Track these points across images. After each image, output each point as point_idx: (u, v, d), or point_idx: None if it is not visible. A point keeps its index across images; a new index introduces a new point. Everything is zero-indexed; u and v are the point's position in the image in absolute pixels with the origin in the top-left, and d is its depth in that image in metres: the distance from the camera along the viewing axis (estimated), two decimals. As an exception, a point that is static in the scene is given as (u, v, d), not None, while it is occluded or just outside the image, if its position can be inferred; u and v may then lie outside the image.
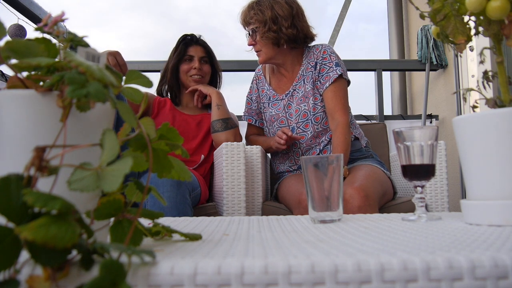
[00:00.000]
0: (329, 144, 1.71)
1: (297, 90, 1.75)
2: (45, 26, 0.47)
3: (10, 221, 0.34)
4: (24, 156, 0.38)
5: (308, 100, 1.71)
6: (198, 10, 6.12)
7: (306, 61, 1.76)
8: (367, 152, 1.77)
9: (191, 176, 0.54)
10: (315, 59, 1.73)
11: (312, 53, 1.75)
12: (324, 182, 0.74)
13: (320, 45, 1.76)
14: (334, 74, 1.67)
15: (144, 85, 0.53)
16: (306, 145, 1.72)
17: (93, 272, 0.37)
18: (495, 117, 0.63)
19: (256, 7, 1.69)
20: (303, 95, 1.72)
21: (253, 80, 1.94)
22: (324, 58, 1.71)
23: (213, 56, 1.99)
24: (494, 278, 0.38)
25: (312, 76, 1.72)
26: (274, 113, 1.79)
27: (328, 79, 1.68)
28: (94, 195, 0.45)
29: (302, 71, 1.75)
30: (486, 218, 0.63)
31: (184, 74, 1.92)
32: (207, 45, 1.98)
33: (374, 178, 1.52)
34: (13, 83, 0.44)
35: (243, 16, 1.75)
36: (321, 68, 1.70)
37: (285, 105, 1.77)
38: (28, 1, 2.07)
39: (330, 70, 1.68)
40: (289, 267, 0.38)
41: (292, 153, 1.76)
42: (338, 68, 1.68)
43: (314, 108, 1.70)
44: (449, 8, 0.69)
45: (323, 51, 1.72)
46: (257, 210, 1.71)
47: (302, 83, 1.74)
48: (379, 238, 0.54)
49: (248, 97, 1.95)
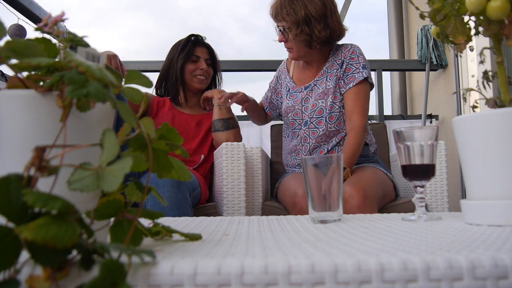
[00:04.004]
0: (337, 146, 1.69)
1: (317, 86, 1.73)
2: (45, 26, 0.47)
3: (10, 221, 0.34)
4: (24, 156, 0.38)
5: (327, 97, 1.69)
6: (199, 10, 6.13)
7: (332, 58, 1.73)
8: (372, 158, 1.76)
9: (191, 176, 0.54)
10: (343, 58, 1.70)
11: (341, 51, 1.72)
12: (324, 182, 0.74)
13: (349, 45, 1.73)
14: (360, 76, 1.65)
15: (144, 85, 0.53)
16: (316, 142, 1.70)
17: (93, 272, 0.37)
18: (495, 117, 0.63)
19: (289, 6, 1.62)
20: (323, 91, 1.70)
21: (278, 70, 1.95)
22: (352, 58, 1.68)
23: (215, 58, 2.00)
24: (494, 278, 0.38)
25: (337, 74, 1.69)
26: (291, 104, 1.76)
27: (353, 79, 1.65)
28: (94, 195, 0.45)
29: (327, 68, 1.73)
30: (486, 218, 0.63)
31: (189, 73, 1.92)
32: (211, 48, 2.00)
33: (374, 179, 1.52)
34: (13, 83, 0.44)
35: (274, 11, 1.68)
36: (347, 68, 1.68)
37: (303, 98, 1.75)
38: (28, 1, 2.07)
39: (356, 71, 1.66)
40: (289, 267, 0.38)
41: (300, 147, 1.74)
42: (365, 71, 1.66)
43: (331, 107, 1.68)
44: (449, 8, 0.69)
45: (352, 51, 1.69)
46: (257, 210, 1.71)
47: (324, 79, 1.72)
48: (379, 238, 0.54)
49: (270, 83, 1.99)
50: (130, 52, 7.39)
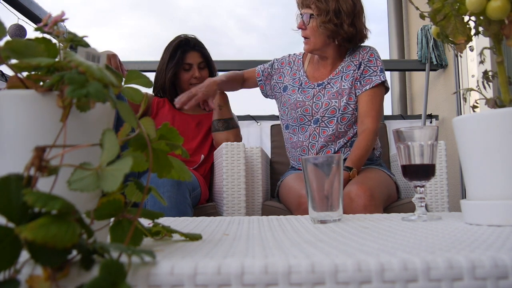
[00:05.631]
0: (344, 147, 1.68)
1: (331, 84, 1.70)
2: (45, 26, 0.47)
3: (10, 221, 0.34)
4: (24, 156, 0.38)
5: (341, 97, 1.66)
6: (199, 9, 6.13)
7: (349, 59, 1.71)
8: (377, 161, 1.76)
9: (191, 176, 0.54)
10: (360, 59, 1.68)
11: (358, 52, 1.70)
12: (324, 182, 0.74)
13: (367, 47, 1.72)
14: (377, 79, 1.64)
15: (144, 85, 0.53)
16: (324, 141, 1.68)
17: (93, 272, 0.37)
18: (495, 117, 0.63)
19: None
20: (337, 91, 1.68)
21: (290, 57, 1.86)
22: (370, 61, 1.67)
23: (209, 59, 1.94)
24: (494, 278, 0.38)
25: (353, 75, 1.67)
26: (301, 99, 1.72)
27: (370, 82, 1.64)
28: (94, 195, 0.45)
29: (342, 67, 1.71)
30: (486, 218, 0.63)
31: (185, 83, 1.89)
32: (203, 49, 1.93)
33: (380, 180, 1.52)
34: (13, 83, 0.44)
35: None
36: (365, 70, 1.66)
37: (314, 95, 1.71)
38: (28, 1, 2.06)
39: (374, 74, 1.65)
40: (289, 267, 0.38)
41: (307, 144, 1.72)
42: (382, 74, 1.65)
43: (345, 108, 1.65)
44: (449, 8, 0.69)
45: (371, 53, 1.69)
46: (257, 210, 1.71)
47: (339, 79, 1.70)
48: (379, 238, 0.54)
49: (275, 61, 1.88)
50: (131, 52, 7.38)
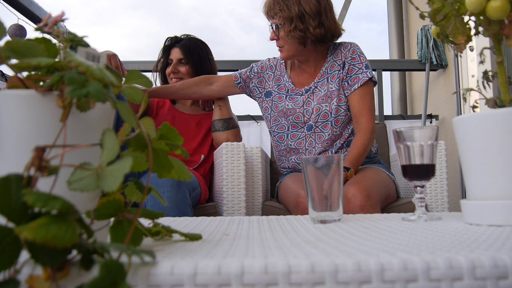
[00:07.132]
0: (341, 148, 1.67)
1: (318, 88, 1.68)
2: (45, 26, 0.47)
3: (10, 221, 0.34)
4: (24, 156, 0.38)
5: (331, 100, 1.64)
6: (200, 9, 6.13)
7: (331, 58, 1.68)
8: (374, 158, 1.75)
9: (191, 176, 0.54)
10: (343, 58, 1.65)
11: (340, 51, 1.67)
12: (324, 182, 0.74)
13: (348, 44, 1.69)
14: (364, 77, 1.61)
15: (144, 85, 0.53)
16: (322, 147, 1.66)
17: (93, 272, 0.37)
18: (495, 117, 0.63)
19: (282, 2, 1.58)
20: (325, 94, 1.65)
21: (272, 61, 1.82)
22: (353, 59, 1.64)
23: (195, 56, 1.91)
24: (494, 278, 0.38)
25: (339, 76, 1.65)
26: (291, 107, 1.70)
27: (357, 81, 1.62)
28: (94, 195, 0.45)
29: (326, 68, 1.68)
30: (486, 218, 0.63)
31: (168, 78, 1.93)
32: (188, 46, 1.90)
33: (377, 179, 1.51)
34: (13, 83, 0.44)
35: (266, 7, 1.64)
36: (350, 69, 1.64)
37: (304, 101, 1.69)
38: (28, 1, 2.06)
39: (360, 72, 1.62)
40: (289, 267, 0.38)
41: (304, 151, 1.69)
42: (369, 70, 1.63)
43: (336, 110, 1.63)
44: (449, 8, 0.69)
45: (353, 50, 1.65)
46: (257, 210, 1.71)
47: (325, 81, 1.67)
48: (379, 238, 0.54)
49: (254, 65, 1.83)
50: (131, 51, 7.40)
